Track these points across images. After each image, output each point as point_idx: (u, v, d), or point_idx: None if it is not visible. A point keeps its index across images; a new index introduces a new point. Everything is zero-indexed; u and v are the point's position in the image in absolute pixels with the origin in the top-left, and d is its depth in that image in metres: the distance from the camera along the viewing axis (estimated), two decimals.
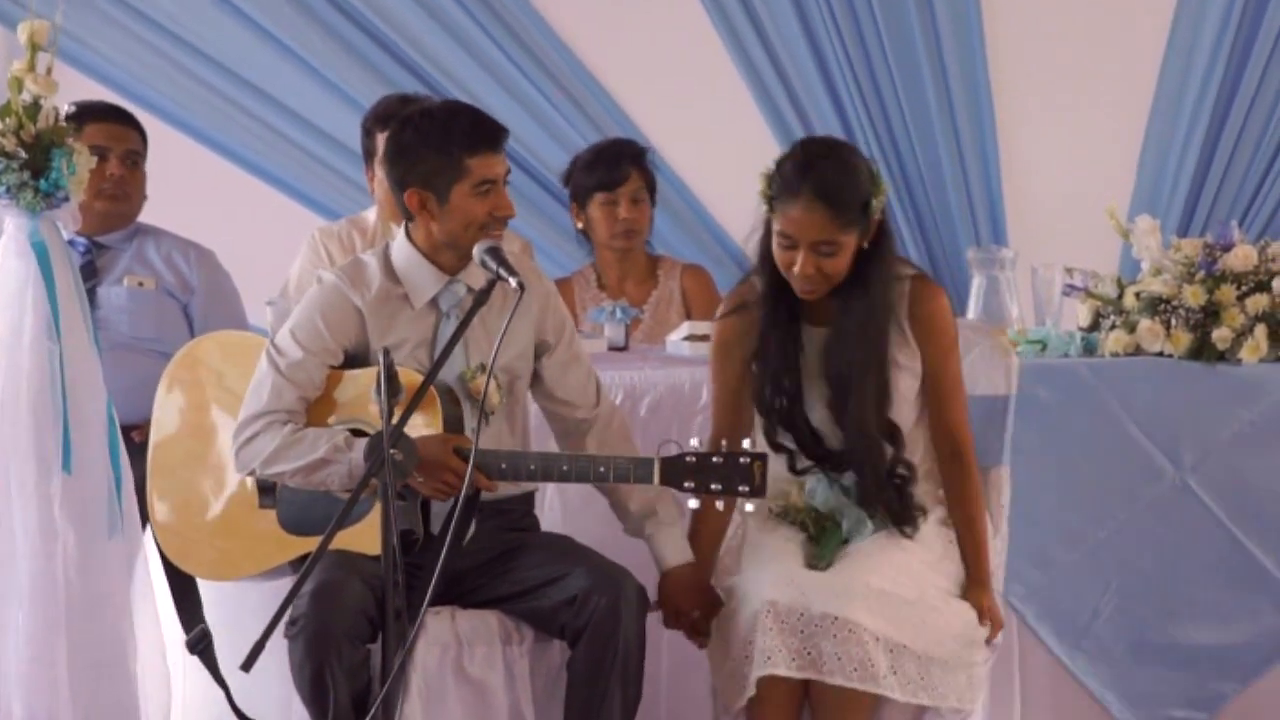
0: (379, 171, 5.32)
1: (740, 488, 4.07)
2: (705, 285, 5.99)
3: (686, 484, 4.09)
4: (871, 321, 4.29)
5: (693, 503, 4.14)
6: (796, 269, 4.26)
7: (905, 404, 4.36)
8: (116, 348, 5.16)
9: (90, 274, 5.36)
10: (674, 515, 4.38)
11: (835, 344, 4.31)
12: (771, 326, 4.35)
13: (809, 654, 4.10)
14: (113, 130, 5.42)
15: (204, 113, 6.76)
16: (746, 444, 4.11)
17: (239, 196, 6.73)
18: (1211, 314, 4.88)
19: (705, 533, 4.40)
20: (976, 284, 5.24)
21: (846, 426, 4.30)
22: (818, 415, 4.35)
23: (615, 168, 5.87)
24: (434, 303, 4.33)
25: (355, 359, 4.32)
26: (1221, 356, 4.89)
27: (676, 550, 4.34)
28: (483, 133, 4.28)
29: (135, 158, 5.46)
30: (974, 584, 4.32)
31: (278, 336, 4.34)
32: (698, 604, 4.30)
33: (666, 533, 4.36)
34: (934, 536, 4.35)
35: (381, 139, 5.17)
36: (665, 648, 4.54)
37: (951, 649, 4.21)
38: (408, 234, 4.35)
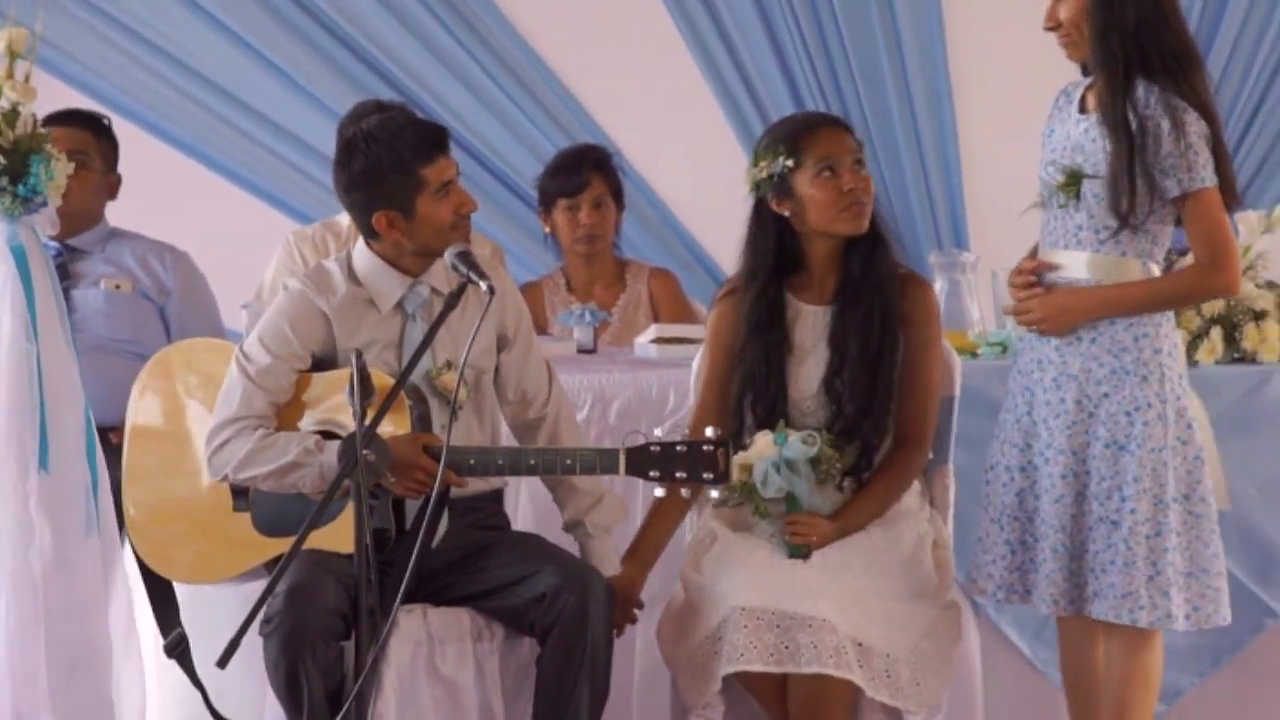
0: None
1: (704, 475, 4.11)
2: (672, 289, 6.04)
3: (652, 473, 4.13)
4: (886, 287, 4.42)
5: (658, 491, 4.18)
6: (851, 182, 4.40)
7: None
8: (92, 350, 5.19)
9: (63, 277, 5.34)
10: (603, 526, 4.46)
11: (846, 310, 4.42)
12: (762, 297, 4.45)
13: (786, 648, 4.16)
14: (55, 133, 5.39)
15: (178, 118, 6.78)
16: (710, 432, 4.16)
17: (213, 200, 6.74)
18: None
19: (661, 523, 4.48)
20: (938, 287, 5.30)
21: (844, 392, 4.39)
22: (807, 389, 4.43)
23: (576, 174, 5.95)
24: (399, 305, 4.38)
25: (323, 362, 4.37)
26: None
27: (600, 564, 4.40)
28: (430, 140, 4.34)
29: (80, 158, 5.30)
30: (837, 519, 4.38)
31: (246, 343, 4.38)
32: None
33: (590, 545, 4.45)
34: (905, 538, 4.43)
35: None
36: (638, 646, 4.60)
37: (915, 650, 4.29)
38: (368, 244, 4.40)
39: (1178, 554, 4.20)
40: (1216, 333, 5.00)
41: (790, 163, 4.41)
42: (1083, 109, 4.28)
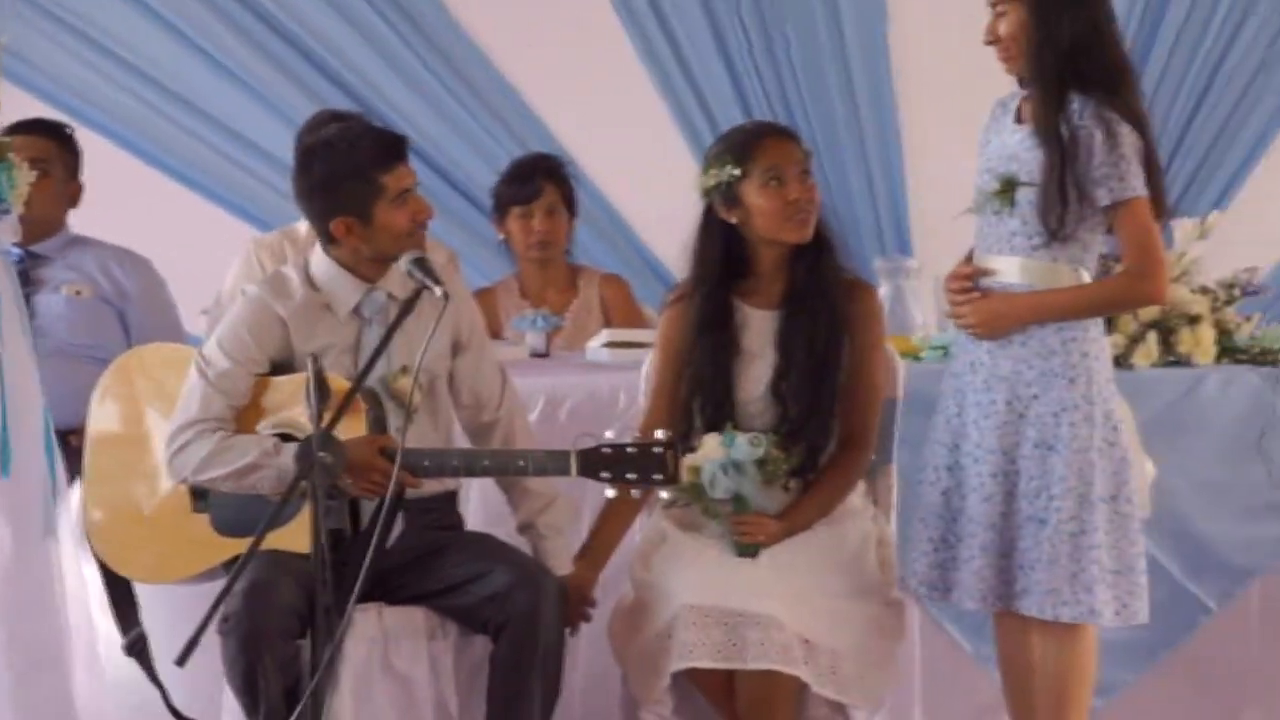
0: None
1: (654, 476, 4.16)
2: (623, 294, 6.10)
3: (603, 474, 4.17)
4: (832, 292, 4.48)
5: (610, 492, 4.22)
6: (797, 192, 4.45)
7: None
8: (53, 354, 5.22)
9: (24, 283, 5.34)
10: (556, 528, 4.49)
11: (793, 315, 4.48)
12: (710, 302, 4.50)
13: (734, 644, 4.21)
14: (17, 142, 5.38)
15: (140, 127, 6.79)
16: (660, 434, 4.21)
17: (174, 208, 6.76)
18: (1106, 321, 5.04)
19: (612, 524, 4.53)
20: (883, 292, 5.34)
21: (790, 395, 4.44)
22: (755, 391, 4.48)
23: (529, 182, 6.00)
24: (356, 310, 4.42)
25: (281, 366, 4.41)
26: (1115, 361, 5.03)
27: (553, 564, 4.44)
28: (388, 148, 4.39)
29: (42, 167, 5.23)
30: (784, 519, 4.44)
31: (205, 348, 4.42)
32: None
33: (543, 545, 4.48)
34: (850, 537, 4.48)
35: None
36: (582, 643, 4.63)
37: (860, 646, 4.35)
38: (326, 250, 4.46)
39: (1104, 552, 4.25)
40: (1152, 336, 5.05)
41: (738, 172, 4.46)
42: (1019, 119, 4.36)
